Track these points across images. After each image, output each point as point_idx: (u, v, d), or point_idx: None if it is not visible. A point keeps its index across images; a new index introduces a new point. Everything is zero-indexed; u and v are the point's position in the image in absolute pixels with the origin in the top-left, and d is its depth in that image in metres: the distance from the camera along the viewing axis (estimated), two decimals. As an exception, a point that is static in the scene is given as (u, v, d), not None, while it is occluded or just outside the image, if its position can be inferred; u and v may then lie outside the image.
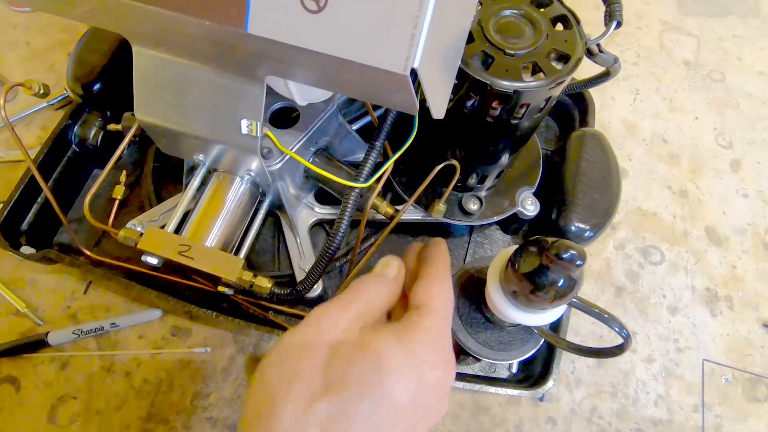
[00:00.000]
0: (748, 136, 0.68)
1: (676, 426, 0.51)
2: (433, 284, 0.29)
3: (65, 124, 0.52)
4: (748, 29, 0.78)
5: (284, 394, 0.24)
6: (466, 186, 0.47)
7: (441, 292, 0.29)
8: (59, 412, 0.47)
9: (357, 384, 0.24)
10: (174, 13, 0.26)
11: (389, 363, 0.25)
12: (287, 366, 0.25)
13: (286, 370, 0.25)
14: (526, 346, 0.42)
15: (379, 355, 0.25)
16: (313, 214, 0.49)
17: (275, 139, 0.40)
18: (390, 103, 0.30)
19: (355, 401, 0.24)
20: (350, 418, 0.24)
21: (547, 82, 0.33)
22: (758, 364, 0.54)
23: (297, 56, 0.26)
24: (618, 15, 0.35)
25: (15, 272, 0.53)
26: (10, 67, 0.65)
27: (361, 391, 0.24)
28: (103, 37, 0.52)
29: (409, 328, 0.27)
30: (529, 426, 0.50)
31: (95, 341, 0.50)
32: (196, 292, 0.48)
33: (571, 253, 0.27)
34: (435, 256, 0.31)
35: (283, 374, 0.25)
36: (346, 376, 0.24)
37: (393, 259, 0.31)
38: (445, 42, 0.27)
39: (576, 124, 0.59)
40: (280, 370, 0.25)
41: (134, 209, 0.54)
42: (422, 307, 0.28)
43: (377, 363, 0.25)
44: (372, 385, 0.24)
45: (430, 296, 0.28)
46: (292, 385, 0.24)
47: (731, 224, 0.62)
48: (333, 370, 0.25)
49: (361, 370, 0.25)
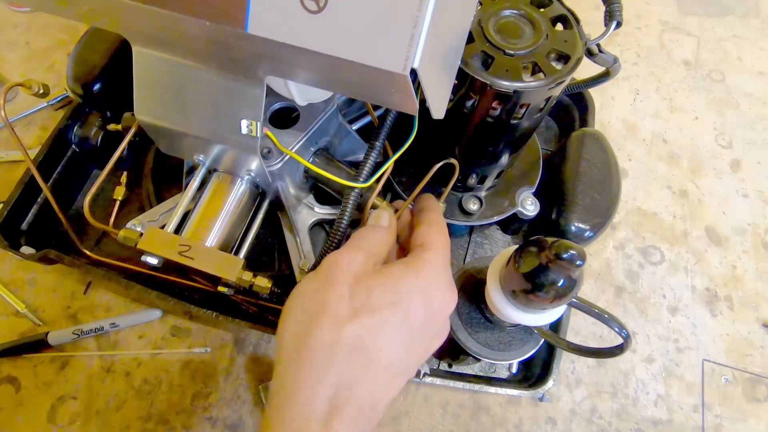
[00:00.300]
0: (748, 136, 0.68)
1: (676, 426, 0.51)
2: (432, 227, 0.34)
3: (65, 124, 0.52)
4: (748, 29, 0.78)
5: (317, 322, 0.28)
6: (466, 186, 0.47)
7: (439, 233, 0.34)
8: (59, 412, 0.47)
9: (379, 309, 0.28)
10: (174, 13, 0.26)
11: (404, 289, 0.29)
12: (316, 299, 0.29)
13: (315, 303, 0.29)
14: (526, 346, 0.42)
15: (394, 283, 0.29)
16: (313, 214, 0.49)
17: (275, 139, 0.40)
18: (390, 103, 0.30)
19: (379, 324, 0.28)
20: (376, 337, 0.28)
21: (547, 82, 0.33)
22: (758, 364, 0.54)
23: (297, 56, 0.26)
24: (618, 15, 0.35)
25: (15, 272, 0.53)
26: (10, 67, 0.65)
27: (383, 315, 0.28)
28: (103, 37, 0.52)
29: (416, 261, 0.31)
30: (529, 426, 0.50)
31: (95, 341, 0.50)
32: (196, 292, 0.48)
33: (571, 253, 0.28)
34: (427, 206, 0.37)
35: (314, 306, 0.28)
36: (369, 303, 0.28)
37: (384, 211, 0.36)
38: (445, 42, 0.27)
39: (576, 124, 0.59)
40: (311, 303, 0.29)
41: (134, 209, 0.54)
42: (425, 245, 0.32)
43: (394, 289, 0.29)
44: (392, 308, 0.29)
45: (430, 237, 0.33)
46: (323, 314, 0.28)
47: (731, 224, 0.62)
48: (357, 299, 0.28)
49: (381, 297, 0.29)
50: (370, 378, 0.28)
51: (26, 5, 0.68)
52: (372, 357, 0.28)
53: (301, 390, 0.27)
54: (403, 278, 0.30)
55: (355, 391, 0.27)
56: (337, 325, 0.27)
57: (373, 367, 0.28)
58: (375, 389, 0.28)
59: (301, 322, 0.28)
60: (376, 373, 0.28)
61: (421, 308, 0.30)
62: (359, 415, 0.27)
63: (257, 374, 0.50)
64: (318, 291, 0.29)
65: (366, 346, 0.28)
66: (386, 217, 0.35)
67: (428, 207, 0.37)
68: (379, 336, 0.28)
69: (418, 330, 0.30)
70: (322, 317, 0.28)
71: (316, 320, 0.28)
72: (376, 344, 0.28)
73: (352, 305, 0.28)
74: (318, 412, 0.26)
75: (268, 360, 0.51)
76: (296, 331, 0.28)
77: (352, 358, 0.27)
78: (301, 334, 0.28)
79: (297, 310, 0.29)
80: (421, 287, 0.30)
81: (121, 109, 0.52)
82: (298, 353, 0.28)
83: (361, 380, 0.27)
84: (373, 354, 0.28)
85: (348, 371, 0.27)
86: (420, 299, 0.30)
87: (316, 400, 0.27)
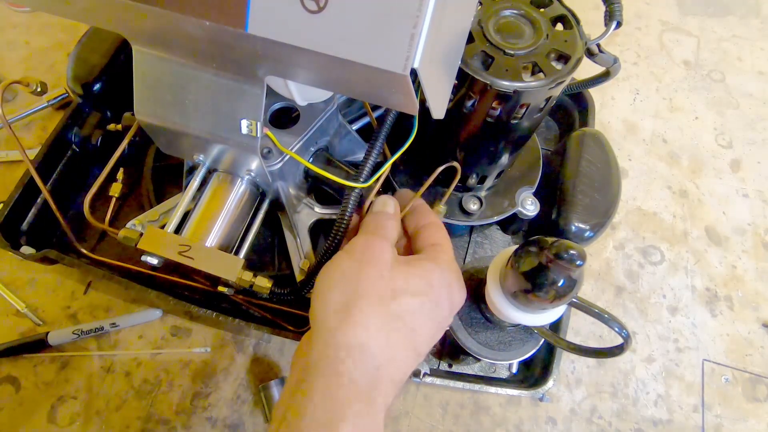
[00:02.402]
0: (748, 136, 0.68)
1: (676, 426, 0.51)
2: (440, 230, 0.37)
3: (65, 124, 0.52)
4: (748, 29, 0.78)
5: (363, 297, 0.29)
6: (466, 186, 0.47)
7: (445, 236, 0.37)
8: (59, 412, 0.47)
9: (416, 294, 0.31)
10: (174, 13, 0.26)
11: (435, 282, 0.32)
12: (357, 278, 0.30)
13: (357, 281, 0.30)
14: (526, 346, 0.42)
15: (428, 275, 0.32)
16: (313, 214, 0.49)
17: (275, 139, 0.40)
18: (390, 103, 0.30)
19: (417, 307, 0.31)
20: (414, 319, 0.31)
21: (547, 82, 0.33)
22: (758, 364, 0.54)
23: (297, 56, 0.26)
24: (618, 15, 0.35)
25: (15, 272, 0.53)
26: (10, 67, 0.65)
27: (421, 300, 0.31)
28: (103, 37, 0.52)
29: (439, 259, 0.34)
30: (529, 426, 0.50)
31: (95, 341, 0.50)
32: (196, 292, 0.48)
33: (571, 253, 0.28)
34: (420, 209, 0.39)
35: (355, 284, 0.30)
36: (408, 287, 0.31)
37: (389, 198, 0.38)
38: (445, 42, 0.27)
39: (576, 124, 0.59)
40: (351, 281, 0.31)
41: (134, 209, 0.54)
42: (437, 245, 0.35)
43: (428, 281, 0.32)
44: (426, 296, 0.31)
45: (439, 239, 0.36)
46: (369, 291, 0.30)
47: (731, 224, 0.62)
48: (396, 282, 0.31)
49: (418, 284, 0.31)
50: (404, 354, 0.30)
51: (26, 5, 0.68)
52: (408, 336, 0.30)
53: (344, 364, 0.28)
54: (434, 272, 0.33)
55: (392, 365, 0.29)
56: (382, 302, 0.29)
57: (408, 344, 0.30)
58: (405, 365, 0.30)
59: (344, 300, 0.30)
60: (408, 351, 0.30)
61: (447, 301, 0.33)
62: (392, 388, 0.29)
63: (257, 374, 0.50)
64: (358, 270, 0.31)
65: (405, 325, 0.30)
66: (392, 205, 0.38)
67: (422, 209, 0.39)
68: (415, 317, 0.31)
69: (442, 319, 0.33)
70: (368, 294, 0.30)
71: (361, 297, 0.29)
72: (413, 324, 0.30)
73: (393, 286, 0.30)
74: (361, 384, 0.28)
75: (268, 360, 0.51)
76: (337, 308, 0.30)
77: (393, 334, 0.29)
78: (343, 310, 0.29)
79: (336, 288, 0.31)
80: (447, 283, 0.33)
81: (121, 109, 0.52)
82: (344, 328, 0.29)
83: (396, 355, 0.30)
84: (409, 333, 0.30)
85: (389, 348, 0.29)
86: (446, 293, 0.33)
87: (358, 372, 0.28)
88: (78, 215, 0.54)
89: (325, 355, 0.28)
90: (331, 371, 0.27)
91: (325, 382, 0.27)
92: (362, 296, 0.29)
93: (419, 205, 0.40)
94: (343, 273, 0.31)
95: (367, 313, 0.29)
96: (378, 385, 0.28)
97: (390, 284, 0.30)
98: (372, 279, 0.30)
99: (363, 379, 0.28)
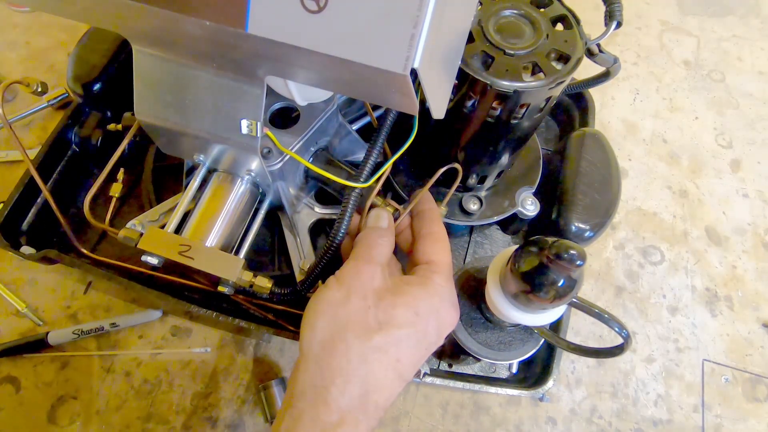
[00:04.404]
0: (748, 136, 0.68)
1: (676, 426, 0.51)
2: (437, 243, 0.36)
3: (65, 124, 0.52)
4: (748, 29, 0.79)
5: (349, 329, 0.31)
6: (467, 186, 0.47)
7: (443, 249, 0.36)
8: (59, 412, 0.47)
9: (402, 325, 0.31)
10: (174, 13, 0.26)
11: (422, 311, 0.32)
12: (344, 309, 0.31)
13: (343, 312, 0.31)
14: (526, 346, 0.42)
15: (415, 304, 0.33)
16: (313, 214, 0.49)
17: (275, 139, 0.40)
18: (390, 103, 0.30)
19: (402, 338, 0.31)
20: (398, 349, 0.31)
21: (547, 82, 0.33)
22: (758, 364, 0.54)
23: (297, 56, 0.26)
24: (618, 15, 0.35)
25: (15, 272, 0.53)
26: (10, 67, 0.65)
27: (406, 331, 0.32)
28: (103, 37, 0.52)
29: (429, 282, 0.34)
30: (529, 426, 0.50)
31: (95, 341, 0.50)
32: (196, 292, 0.48)
33: (571, 253, 0.27)
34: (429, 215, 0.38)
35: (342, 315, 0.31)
36: (393, 318, 0.31)
37: (383, 211, 0.38)
38: (445, 42, 0.27)
39: (576, 124, 0.59)
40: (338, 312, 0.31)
41: (134, 209, 0.54)
42: (432, 264, 0.35)
43: (415, 310, 0.32)
44: (412, 326, 0.32)
45: (437, 255, 0.36)
46: (353, 323, 0.31)
47: (731, 224, 0.62)
48: (381, 312, 0.31)
49: (404, 315, 0.32)
50: (389, 382, 0.31)
51: (26, 5, 0.68)
52: (392, 365, 0.31)
53: (329, 392, 0.29)
54: (421, 300, 0.33)
55: (376, 392, 0.30)
56: (367, 334, 0.31)
57: (392, 372, 0.31)
58: (389, 392, 0.32)
59: (329, 330, 0.31)
60: (393, 379, 0.31)
61: (435, 328, 0.33)
62: (377, 412, 0.31)
63: (257, 374, 0.50)
64: (344, 301, 0.32)
65: (390, 355, 0.31)
66: (386, 218, 0.38)
67: (429, 216, 0.39)
68: (400, 348, 0.31)
69: (428, 345, 0.34)
70: (353, 326, 0.31)
71: (346, 328, 0.31)
72: (398, 355, 0.31)
73: (378, 318, 0.31)
74: (346, 411, 0.29)
75: (268, 360, 0.51)
76: (323, 338, 0.31)
77: (377, 364, 0.31)
78: (329, 341, 0.31)
79: (323, 317, 0.32)
80: (435, 310, 0.34)
81: (121, 109, 0.52)
82: (328, 358, 0.30)
83: (381, 383, 0.31)
84: (394, 363, 0.31)
85: (372, 376, 0.30)
86: (434, 320, 0.33)
87: (344, 399, 0.29)
88: (78, 215, 0.54)
89: (312, 384, 0.30)
90: (318, 399, 0.29)
91: (313, 410, 0.29)
92: (347, 328, 0.31)
93: (426, 210, 0.39)
94: (330, 303, 0.32)
95: (350, 345, 0.30)
96: (364, 410, 0.30)
97: (376, 316, 0.31)
98: (358, 310, 0.31)
99: (348, 406, 0.29)
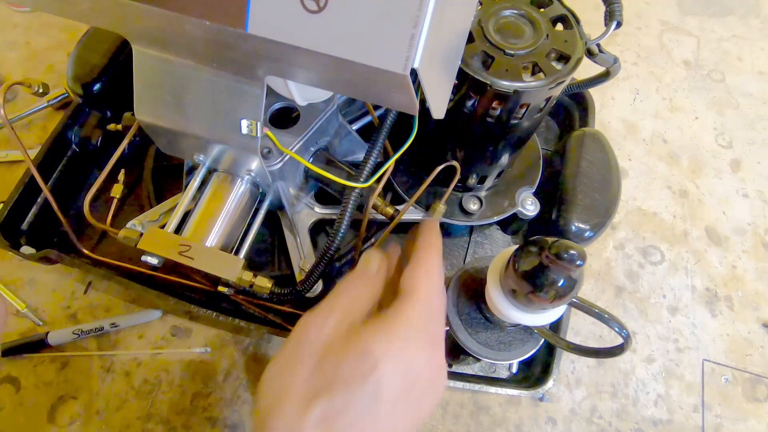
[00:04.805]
0: (748, 136, 0.68)
1: (676, 426, 0.51)
2: (420, 270, 0.30)
3: (65, 124, 0.52)
4: (748, 29, 0.78)
5: (283, 398, 0.25)
6: (466, 186, 0.47)
7: (426, 278, 0.30)
8: (59, 412, 0.47)
9: (348, 380, 0.25)
10: (174, 13, 0.26)
11: (376, 355, 0.26)
12: (285, 374, 0.27)
13: (284, 377, 0.26)
14: (526, 346, 0.42)
15: (365, 347, 0.26)
16: (313, 214, 0.49)
17: (275, 139, 0.40)
18: (390, 103, 0.30)
19: (347, 398, 0.25)
20: (345, 415, 0.25)
21: (547, 82, 0.33)
22: (758, 364, 0.54)
23: (297, 56, 0.26)
24: (618, 15, 0.35)
25: (15, 272, 0.53)
26: (10, 67, 0.65)
27: (352, 388, 0.25)
28: (103, 37, 0.52)
29: (392, 317, 0.27)
30: (529, 426, 0.50)
31: (95, 341, 0.50)
32: (196, 292, 0.48)
33: (571, 253, 0.27)
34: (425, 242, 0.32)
35: (282, 381, 0.26)
36: (337, 375, 0.25)
37: (374, 253, 0.32)
38: (445, 42, 0.27)
39: (576, 124, 0.59)
40: (279, 377, 0.27)
41: (134, 209, 0.54)
42: (405, 295, 0.28)
43: (364, 355, 0.26)
44: (361, 382, 0.25)
45: (415, 283, 0.29)
46: (290, 389, 0.26)
47: (731, 224, 0.62)
48: (325, 370, 0.26)
49: (350, 366, 0.26)
50: None
51: (26, 5, 0.68)
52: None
53: None
54: (375, 343, 0.26)
55: None
56: (299, 410, 0.25)
57: None
58: None
59: (266, 405, 0.26)
60: None
61: (397, 375, 0.26)
62: None
63: (257, 374, 0.50)
64: (283, 370, 0.27)
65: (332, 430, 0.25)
66: (376, 262, 0.32)
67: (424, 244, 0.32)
68: (346, 416, 0.25)
69: (395, 400, 0.26)
70: (284, 402, 0.25)
71: (278, 404, 0.26)
72: (343, 426, 0.25)
73: (320, 379, 0.26)
74: None
75: (268, 360, 0.50)
76: (264, 405, 0.26)
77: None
78: (265, 411, 0.26)
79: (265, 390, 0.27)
80: (397, 350, 0.26)
81: (121, 109, 0.52)
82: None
83: None
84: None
85: None
86: (394, 365, 0.26)
87: None
88: (78, 215, 0.54)
89: None
90: None
91: None
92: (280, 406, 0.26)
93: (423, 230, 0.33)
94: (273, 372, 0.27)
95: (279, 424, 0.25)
96: None
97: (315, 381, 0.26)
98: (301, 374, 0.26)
99: None
